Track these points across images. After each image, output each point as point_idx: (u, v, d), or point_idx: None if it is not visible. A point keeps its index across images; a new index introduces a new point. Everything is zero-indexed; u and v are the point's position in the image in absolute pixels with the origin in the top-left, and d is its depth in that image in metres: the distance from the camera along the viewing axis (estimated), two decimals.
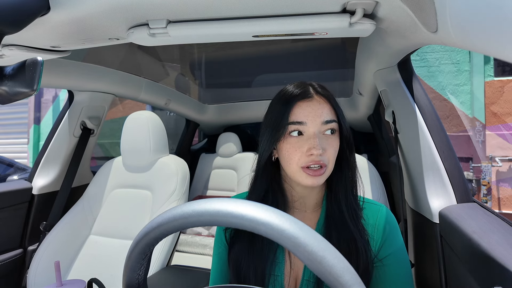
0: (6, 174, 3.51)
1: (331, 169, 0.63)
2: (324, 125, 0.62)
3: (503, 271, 0.46)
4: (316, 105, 0.63)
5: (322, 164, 0.61)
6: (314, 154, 0.60)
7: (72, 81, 1.35)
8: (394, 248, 0.65)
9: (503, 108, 3.46)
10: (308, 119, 0.62)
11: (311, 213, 0.69)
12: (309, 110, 0.62)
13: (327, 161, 0.62)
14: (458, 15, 0.39)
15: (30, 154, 5.66)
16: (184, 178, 1.34)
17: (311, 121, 0.62)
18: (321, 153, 0.60)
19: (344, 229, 0.63)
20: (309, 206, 0.69)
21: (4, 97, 0.51)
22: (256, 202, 0.39)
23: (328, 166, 0.62)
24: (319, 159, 0.60)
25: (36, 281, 1.22)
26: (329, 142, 0.62)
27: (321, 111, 0.63)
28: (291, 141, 0.63)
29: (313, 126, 0.62)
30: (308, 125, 0.62)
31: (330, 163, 0.62)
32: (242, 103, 2.46)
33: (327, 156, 0.61)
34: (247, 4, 0.61)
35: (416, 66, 3.69)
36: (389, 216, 0.67)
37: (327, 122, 0.62)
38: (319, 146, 0.60)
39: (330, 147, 0.62)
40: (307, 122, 0.62)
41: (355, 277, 0.35)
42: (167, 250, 1.22)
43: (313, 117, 0.62)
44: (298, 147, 0.62)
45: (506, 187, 3.46)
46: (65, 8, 0.63)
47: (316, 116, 0.62)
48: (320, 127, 0.62)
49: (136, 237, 0.43)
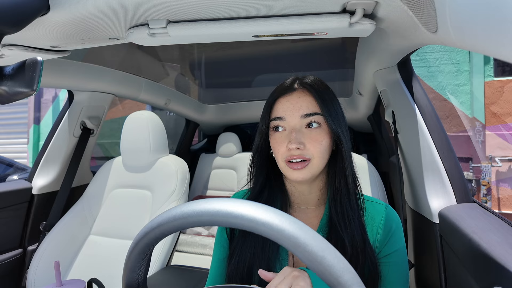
0: (6, 174, 3.51)
1: (319, 163, 0.62)
2: (304, 118, 0.62)
3: (503, 271, 0.46)
4: (295, 99, 0.63)
5: (304, 158, 0.61)
6: (291, 148, 0.60)
7: (72, 81, 1.35)
8: (397, 247, 0.65)
9: (503, 108, 3.46)
10: (286, 113, 0.62)
11: (314, 210, 0.68)
12: (288, 105, 0.63)
13: (310, 155, 0.61)
14: (458, 15, 0.39)
15: (30, 154, 5.66)
16: (184, 178, 1.34)
17: (289, 115, 0.62)
18: (299, 147, 0.60)
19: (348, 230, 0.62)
20: (311, 202, 0.68)
21: (4, 97, 0.51)
22: (256, 202, 0.39)
23: (313, 160, 0.61)
24: (297, 153, 0.60)
25: (36, 281, 1.22)
26: (312, 136, 0.61)
27: (300, 105, 0.62)
28: (275, 136, 0.64)
29: (292, 120, 0.62)
30: (287, 120, 0.62)
31: (315, 157, 0.61)
32: (242, 103, 2.46)
33: (309, 150, 0.61)
34: (247, 4, 0.61)
35: (416, 66, 3.69)
36: (394, 216, 0.67)
37: (307, 115, 0.62)
38: (294, 140, 0.60)
39: (312, 141, 0.61)
40: (285, 117, 0.62)
41: (355, 277, 0.35)
42: (167, 250, 1.21)
43: (291, 111, 0.62)
44: (280, 142, 0.63)
45: (505, 187, 3.46)
46: (65, 8, 0.62)
47: (294, 110, 0.62)
48: (299, 121, 0.62)
49: (136, 237, 0.43)
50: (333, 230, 0.63)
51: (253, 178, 0.71)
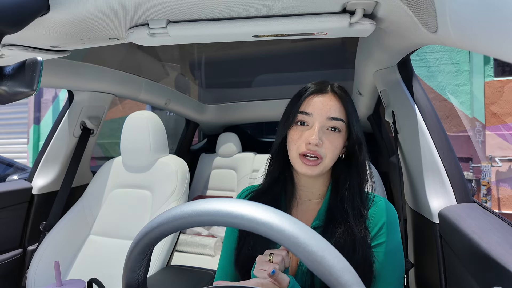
0: (5, 174, 3.51)
1: (328, 163, 0.66)
2: (329, 120, 0.65)
3: (503, 271, 0.46)
4: (327, 101, 0.66)
5: (318, 156, 0.64)
6: (311, 143, 0.63)
7: (72, 81, 1.35)
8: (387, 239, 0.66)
9: (503, 108, 3.46)
10: (314, 111, 0.66)
11: (316, 204, 0.72)
12: (318, 104, 0.66)
13: (324, 154, 0.64)
14: (457, 15, 0.39)
15: (30, 154, 5.66)
16: (184, 178, 1.34)
17: (317, 113, 0.65)
18: (318, 143, 0.63)
19: (343, 223, 0.65)
20: (315, 195, 0.72)
21: (4, 97, 0.51)
22: (256, 202, 0.39)
23: (325, 160, 0.65)
24: (314, 149, 0.63)
25: (35, 281, 1.22)
26: (330, 138, 0.65)
27: (329, 107, 0.66)
28: (296, 128, 0.67)
29: (318, 118, 0.65)
30: (314, 117, 0.65)
31: (327, 157, 0.65)
32: (242, 103, 2.46)
33: (324, 149, 0.64)
34: (247, 4, 0.61)
35: (416, 66, 3.69)
36: (390, 210, 0.69)
37: (333, 118, 0.65)
38: (317, 136, 0.63)
39: (330, 142, 0.65)
40: (313, 114, 0.66)
41: (355, 277, 0.35)
42: (167, 250, 1.21)
43: (320, 110, 0.65)
44: (300, 135, 0.66)
45: (505, 187, 3.46)
46: (65, 8, 0.62)
47: (323, 110, 0.65)
48: (324, 121, 0.65)
49: (136, 237, 0.43)
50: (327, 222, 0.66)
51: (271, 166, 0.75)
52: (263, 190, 0.75)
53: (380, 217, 0.67)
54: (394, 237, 0.67)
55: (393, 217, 0.68)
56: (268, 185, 0.75)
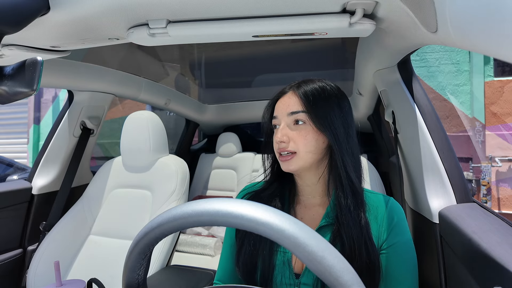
0: (5, 174, 3.51)
1: (304, 157, 0.67)
2: (290, 116, 0.69)
3: (503, 271, 0.46)
4: (286, 100, 0.70)
5: (290, 151, 0.67)
6: (277, 142, 0.68)
7: (72, 81, 1.35)
8: (399, 239, 0.66)
9: (503, 108, 3.46)
10: (278, 113, 0.71)
11: (320, 199, 0.73)
12: (280, 105, 0.71)
13: (295, 148, 0.67)
14: (457, 15, 0.39)
15: (30, 154, 5.66)
16: (184, 178, 1.34)
17: (280, 114, 0.70)
18: (283, 140, 0.67)
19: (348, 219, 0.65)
20: (317, 192, 0.73)
21: (4, 97, 0.51)
22: (256, 202, 0.39)
23: (299, 154, 0.67)
24: (283, 146, 0.67)
25: (35, 281, 1.22)
26: (298, 132, 0.68)
27: (288, 104, 0.69)
28: (275, 133, 0.72)
29: (282, 118, 0.70)
30: (279, 118, 0.70)
31: (300, 150, 0.67)
32: (242, 103, 2.46)
33: (294, 143, 0.67)
34: (247, 4, 0.61)
35: (416, 66, 3.69)
36: (398, 208, 0.70)
37: (292, 113, 0.68)
38: (280, 134, 0.68)
39: (296, 136, 0.67)
40: (278, 116, 0.71)
41: (355, 277, 0.35)
42: (166, 250, 1.21)
43: (281, 110, 0.70)
44: (275, 137, 0.70)
45: (505, 187, 3.46)
46: (65, 8, 0.62)
47: (283, 109, 0.70)
48: (286, 118, 0.69)
49: (136, 237, 0.43)
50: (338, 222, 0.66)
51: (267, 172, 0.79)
52: (264, 188, 0.76)
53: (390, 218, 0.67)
54: (404, 236, 0.67)
55: (401, 216, 0.69)
56: (269, 184, 0.77)
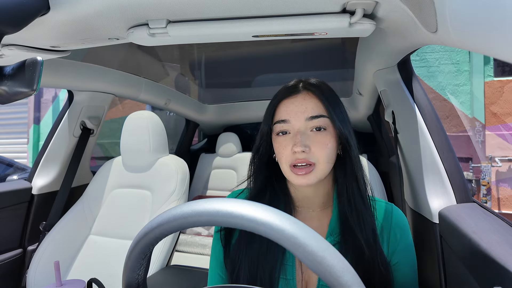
0: (5, 174, 3.51)
1: (324, 168, 0.60)
2: (309, 121, 0.60)
3: (503, 271, 0.46)
4: (300, 101, 0.61)
5: (309, 162, 0.58)
6: (296, 151, 0.58)
7: (72, 81, 1.35)
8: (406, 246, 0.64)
9: (503, 108, 3.46)
10: (291, 116, 0.61)
11: (320, 213, 0.66)
12: (292, 107, 0.61)
13: (315, 159, 0.59)
14: (457, 15, 0.39)
15: (30, 154, 5.65)
16: (184, 178, 1.34)
17: (294, 118, 0.60)
18: (304, 150, 0.57)
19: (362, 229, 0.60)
20: (316, 205, 0.67)
21: (4, 97, 0.51)
22: (256, 202, 0.39)
23: (319, 165, 0.59)
24: (303, 157, 0.58)
25: (35, 281, 1.22)
26: (318, 139, 0.59)
27: (305, 107, 0.60)
28: (279, 140, 0.62)
29: (297, 123, 0.60)
30: (292, 123, 0.61)
31: (320, 161, 0.59)
32: (242, 103, 2.46)
33: (314, 154, 0.59)
34: (247, 4, 0.61)
35: (416, 66, 3.69)
36: (401, 214, 0.67)
37: (312, 117, 0.60)
38: (300, 143, 0.58)
39: (318, 144, 0.59)
40: (290, 120, 0.61)
41: (355, 277, 0.35)
42: (166, 250, 1.21)
43: (296, 113, 0.60)
44: (285, 146, 0.60)
45: (505, 187, 3.46)
46: (65, 8, 0.62)
47: (299, 112, 0.60)
48: (304, 123, 0.60)
49: (135, 237, 0.43)
50: (348, 233, 0.61)
51: (252, 180, 0.69)
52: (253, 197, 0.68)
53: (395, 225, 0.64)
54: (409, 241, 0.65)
55: (405, 222, 0.66)
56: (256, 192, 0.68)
